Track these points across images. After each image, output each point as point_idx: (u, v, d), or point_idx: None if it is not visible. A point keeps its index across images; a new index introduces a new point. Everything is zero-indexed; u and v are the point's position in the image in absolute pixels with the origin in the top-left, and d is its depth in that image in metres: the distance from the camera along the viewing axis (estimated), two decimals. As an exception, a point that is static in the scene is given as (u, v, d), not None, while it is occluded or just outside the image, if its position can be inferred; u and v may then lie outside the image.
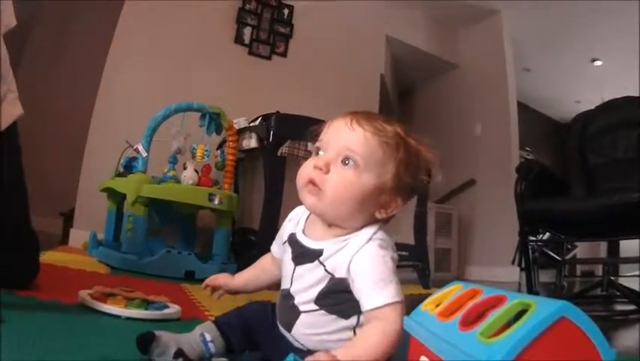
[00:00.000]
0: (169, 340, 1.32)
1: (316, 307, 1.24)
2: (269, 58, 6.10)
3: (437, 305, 0.96)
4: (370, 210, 1.20)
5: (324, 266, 1.21)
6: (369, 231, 1.20)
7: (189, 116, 4.03)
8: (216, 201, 3.71)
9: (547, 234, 4.16)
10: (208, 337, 1.34)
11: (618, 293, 4.04)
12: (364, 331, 1.13)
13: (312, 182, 1.19)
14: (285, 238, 1.36)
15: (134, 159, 3.97)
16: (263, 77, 6.00)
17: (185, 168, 3.90)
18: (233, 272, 1.58)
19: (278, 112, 4.12)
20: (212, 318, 1.43)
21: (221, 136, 4.39)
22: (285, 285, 1.32)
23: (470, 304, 0.86)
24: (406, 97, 9.00)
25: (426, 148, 1.26)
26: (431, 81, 8.48)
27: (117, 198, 4.22)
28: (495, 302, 0.83)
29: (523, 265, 3.86)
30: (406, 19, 7.33)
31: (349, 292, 1.17)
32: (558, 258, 4.66)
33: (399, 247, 3.94)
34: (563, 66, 8.81)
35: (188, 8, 5.58)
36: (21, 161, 2.16)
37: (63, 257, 3.55)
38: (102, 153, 4.82)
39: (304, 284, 1.25)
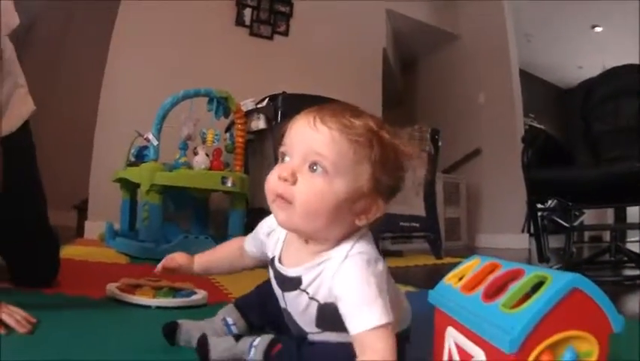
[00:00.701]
0: (192, 328, 1.36)
1: (320, 329, 1.15)
2: (271, 38, 6.12)
3: (460, 279, 1.01)
4: (348, 218, 1.06)
5: (308, 294, 1.11)
6: (344, 247, 1.07)
7: (197, 102, 4.06)
8: (229, 184, 3.76)
9: (555, 201, 4.21)
10: (230, 320, 1.38)
11: (626, 258, 4.10)
12: None
13: (279, 196, 1.04)
14: (270, 255, 1.25)
15: (145, 148, 4.01)
16: (266, 57, 6.02)
17: (196, 154, 3.94)
18: None
19: (284, 92, 4.17)
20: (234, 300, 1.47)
21: (228, 119, 4.42)
22: (281, 303, 1.23)
23: (491, 277, 0.92)
24: (409, 70, 8.97)
25: (403, 141, 1.10)
26: (433, 53, 8.46)
27: (130, 187, 4.28)
28: (514, 275, 0.89)
29: (532, 232, 3.91)
30: None
31: None
32: (566, 225, 4.70)
33: (410, 219, 3.99)
34: (563, 33, 8.84)
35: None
36: (36, 158, 2.20)
37: (81, 250, 3.62)
38: (111, 144, 4.87)
39: (298, 310, 1.16)
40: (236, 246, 1.40)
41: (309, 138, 1.03)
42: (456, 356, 0.92)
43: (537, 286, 0.84)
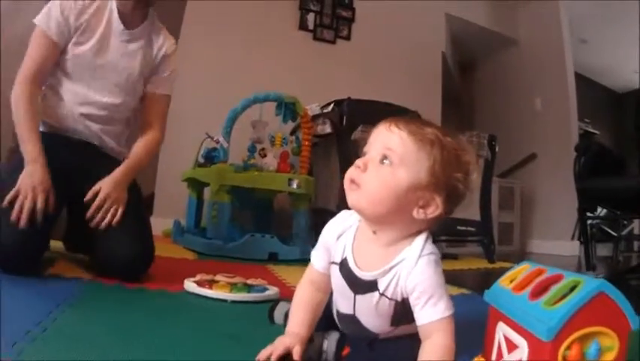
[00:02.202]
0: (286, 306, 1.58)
1: (393, 328, 1.27)
2: (333, 42, 6.23)
3: (511, 281, 1.18)
4: (407, 208, 1.18)
5: (387, 296, 1.22)
6: (416, 248, 1.20)
7: (266, 106, 4.22)
8: (295, 185, 3.89)
9: (605, 210, 4.25)
10: None
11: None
12: (424, 355, 1.14)
13: (352, 180, 1.20)
14: (337, 260, 1.31)
15: (214, 149, 4.18)
16: (328, 61, 6.13)
17: (264, 156, 4.11)
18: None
19: (349, 98, 4.32)
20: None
21: (295, 123, 4.54)
22: (344, 308, 1.33)
23: (537, 280, 1.09)
24: (467, 74, 8.93)
25: (464, 149, 1.23)
26: (491, 57, 8.41)
27: (197, 187, 4.47)
28: (555, 279, 1.06)
29: (582, 239, 3.97)
30: None
31: None
32: (614, 233, 4.73)
33: (466, 223, 4.07)
34: (619, 36, 8.64)
35: (251, 1, 5.77)
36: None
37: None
38: (177, 145, 5.03)
39: (372, 313, 1.26)
40: (307, 287, 1.41)
41: (384, 137, 1.19)
42: (504, 346, 1.09)
43: (573, 288, 1.02)
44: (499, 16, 7.72)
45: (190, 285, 2.20)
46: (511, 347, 1.07)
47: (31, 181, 2.14)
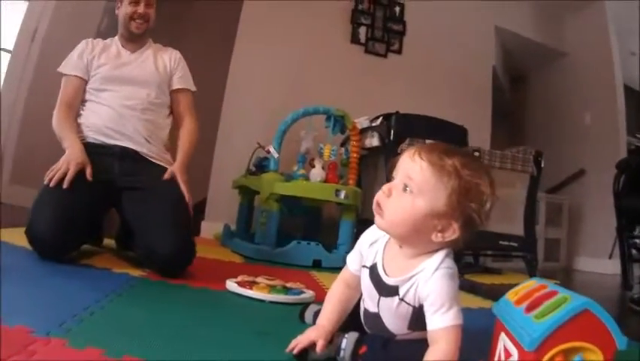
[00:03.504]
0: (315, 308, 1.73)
1: (410, 331, 1.40)
2: (385, 56, 6.27)
3: (516, 295, 1.28)
4: (426, 232, 1.30)
5: (405, 301, 1.36)
6: (435, 261, 1.32)
7: (315, 118, 4.34)
8: (342, 196, 3.99)
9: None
10: None
11: None
12: (428, 358, 1.23)
13: (377, 204, 1.35)
14: (368, 264, 1.48)
15: (265, 159, 4.34)
16: (380, 74, 6.17)
17: (313, 166, 4.20)
18: None
19: (397, 112, 4.40)
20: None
21: (344, 135, 4.65)
22: (370, 307, 1.47)
23: (535, 295, 1.18)
24: (518, 86, 8.83)
25: (481, 181, 1.32)
26: (541, 70, 8.29)
27: (248, 194, 4.63)
28: (550, 295, 1.15)
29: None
30: (514, 9, 7.23)
31: None
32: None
33: (509, 238, 4.11)
34: None
35: (304, 14, 5.88)
36: None
37: (199, 248, 3.86)
38: (229, 153, 5.21)
39: (392, 315, 1.41)
40: (340, 286, 1.58)
41: (407, 165, 1.32)
42: (502, 356, 1.18)
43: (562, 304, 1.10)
44: (547, 29, 7.63)
45: (231, 285, 2.34)
46: (507, 356, 1.16)
47: (67, 157, 2.54)
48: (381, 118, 4.57)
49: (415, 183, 1.29)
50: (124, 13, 3.02)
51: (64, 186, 2.43)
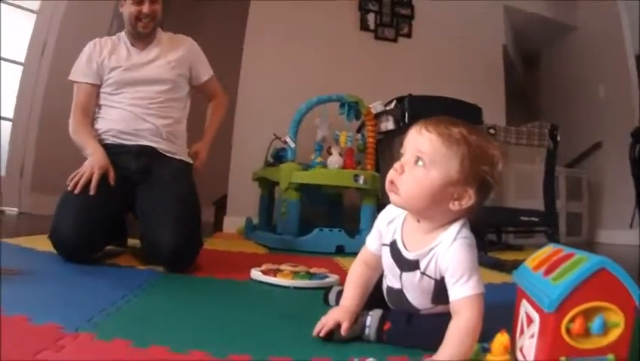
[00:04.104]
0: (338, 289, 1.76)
1: (433, 305, 1.44)
2: (395, 40, 6.28)
3: (534, 261, 1.28)
4: (443, 202, 1.33)
5: (427, 275, 1.38)
6: (452, 232, 1.35)
7: (330, 105, 4.38)
8: (361, 181, 4.02)
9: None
10: None
11: None
12: (450, 329, 1.24)
13: (391, 182, 1.36)
14: (387, 241, 1.50)
15: (282, 149, 4.37)
16: (391, 59, 6.19)
17: (330, 154, 4.23)
18: None
19: (410, 94, 4.43)
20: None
21: (359, 121, 4.69)
22: (393, 284, 1.51)
23: (552, 259, 1.18)
24: (531, 63, 8.77)
25: (489, 144, 1.36)
26: (553, 46, 8.23)
27: (268, 186, 4.66)
28: (567, 258, 1.15)
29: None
30: None
31: None
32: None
33: (530, 213, 4.10)
34: None
35: (313, 4, 5.92)
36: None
37: (223, 242, 3.99)
38: (248, 146, 5.25)
39: (415, 289, 1.44)
40: (359, 266, 1.60)
41: (415, 140, 1.35)
42: (525, 322, 1.18)
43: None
44: (557, 4, 7.52)
45: (256, 273, 2.38)
46: (529, 321, 1.16)
47: (91, 163, 2.57)
48: (394, 101, 4.59)
49: (426, 155, 1.31)
50: (128, 13, 2.90)
51: (91, 192, 2.44)
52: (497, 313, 1.23)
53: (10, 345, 1.13)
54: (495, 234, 4.91)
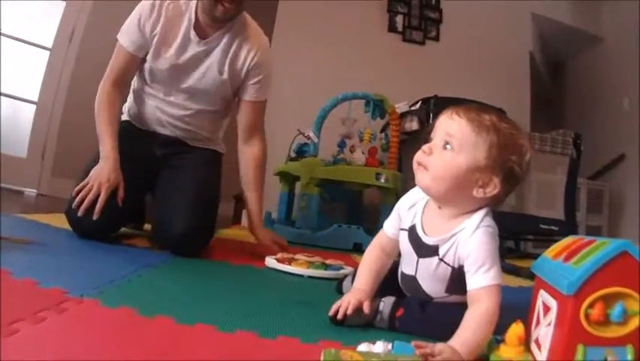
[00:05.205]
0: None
1: (447, 294, 1.44)
2: (422, 43, 6.32)
3: (554, 251, 1.27)
4: (468, 187, 1.33)
5: (444, 261, 1.38)
6: (475, 219, 1.34)
7: (355, 103, 4.39)
8: (382, 180, 4.01)
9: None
10: None
11: None
12: (467, 317, 1.22)
13: (419, 162, 1.37)
14: (406, 226, 1.50)
15: (305, 144, 4.37)
16: (418, 61, 6.21)
17: (353, 151, 4.25)
18: None
19: (436, 95, 4.44)
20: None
21: (384, 120, 4.68)
22: (407, 270, 1.51)
23: (573, 247, 1.16)
24: (557, 72, 8.75)
25: (519, 134, 1.37)
26: (579, 55, 8.18)
27: (289, 180, 4.64)
28: (588, 243, 1.12)
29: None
30: None
31: None
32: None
33: (550, 222, 4.07)
34: None
35: (341, 4, 5.96)
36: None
37: (240, 233, 3.95)
38: (270, 140, 5.24)
39: (430, 276, 1.44)
40: (375, 250, 1.61)
41: (445, 124, 1.35)
42: (541, 311, 1.16)
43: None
44: (583, 14, 7.48)
45: (271, 261, 2.39)
46: (546, 310, 1.14)
47: (99, 176, 2.34)
48: (420, 102, 4.60)
49: (455, 139, 1.32)
50: None
51: (94, 217, 2.25)
52: (512, 313, 1.20)
53: (11, 303, 1.14)
54: (514, 241, 4.90)
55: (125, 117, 2.79)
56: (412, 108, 4.65)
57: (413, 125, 4.57)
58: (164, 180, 2.64)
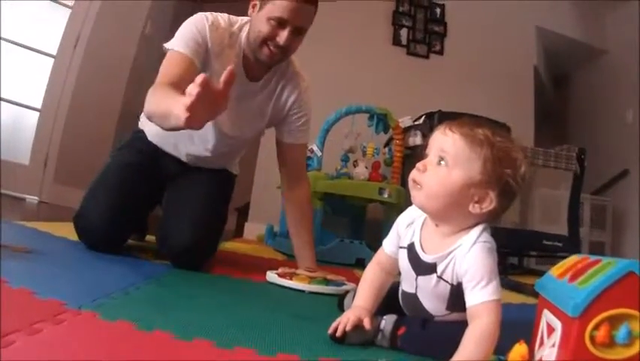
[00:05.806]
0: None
1: (448, 312, 1.42)
2: (427, 57, 6.30)
3: (559, 269, 1.24)
4: (463, 203, 1.32)
5: (443, 279, 1.36)
6: (472, 235, 1.33)
7: (358, 117, 4.37)
8: (386, 195, 4.01)
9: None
10: None
11: None
12: (467, 334, 1.22)
13: (414, 180, 1.36)
14: (405, 244, 1.49)
15: (309, 158, 4.27)
16: (422, 75, 6.21)
17: (356, 165, 4.24)
18: None
19: (440, 110, 4.43)
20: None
21: (387, 134, 4.69)
22: (407, 288, 1.49)
23: (578, 266, 1.14)
24: (561, 86, 8.72)
25: (513, 147, 1.35)
26: (582, 69, 8.17)
27: (291, 194, 4.61)
28: (594, 263, 1.11)
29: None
30: (554, 8, 7.11)
31: None
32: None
33: (553, 237, 4.05)
34: None
35: (345, 16, 5.94)
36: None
37: (242, 246, 3.99)
38: (273, 154, 5.23)
39: (430, 294, 1.42)
40: (375, 268, 1.59)
41: (439, 140, 1.35)
42: (545, 332, 1.14)
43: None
44: (588, 27, 7.51)
45: (272, 275, 2.36)
46: (550, 331, 1.12)
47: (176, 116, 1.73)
48: (423, 117, 4.59)
49: (449, 155, 1.32)
50: (258, 30, 2.32)
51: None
52: (515, 331, 1.19)
53: (7, 313, 1.12)
54: (517, 257, 4.88)
55: (141, 127, 2.71)
56: (416, 123, 4.66)
57: (417, 140, 4.57)
58: (174, 191, 2.60)
